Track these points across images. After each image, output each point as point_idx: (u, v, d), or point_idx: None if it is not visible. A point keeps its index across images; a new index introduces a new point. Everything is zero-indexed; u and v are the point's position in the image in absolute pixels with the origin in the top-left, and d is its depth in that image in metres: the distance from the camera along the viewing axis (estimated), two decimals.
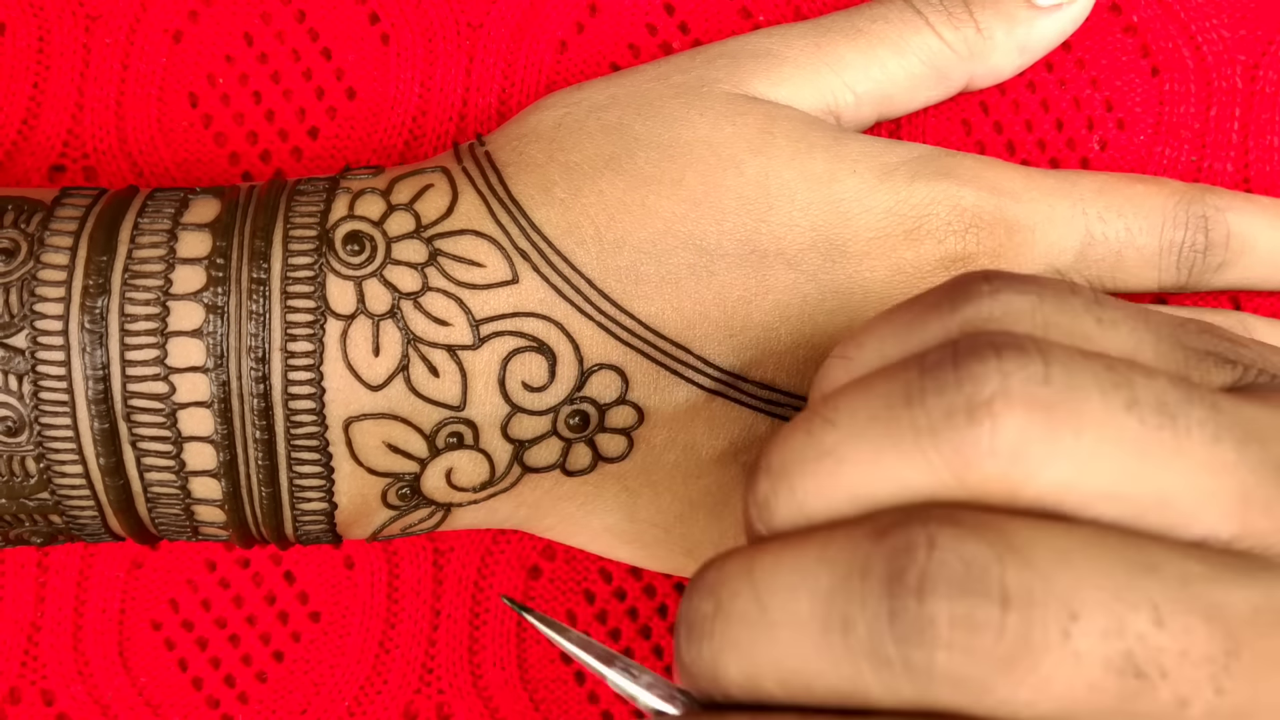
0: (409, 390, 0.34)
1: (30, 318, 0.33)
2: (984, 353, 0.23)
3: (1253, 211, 0.38)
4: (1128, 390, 0.23)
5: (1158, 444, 0.23)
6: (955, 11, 0.38)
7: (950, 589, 0.21)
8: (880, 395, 0.24)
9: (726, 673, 0.24)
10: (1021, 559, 0.22)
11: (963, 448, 0.23)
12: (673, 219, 0.34)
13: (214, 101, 0.42)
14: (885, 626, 0.22)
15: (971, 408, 0.22)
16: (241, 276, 0.33)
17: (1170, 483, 0.23)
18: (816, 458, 0.24)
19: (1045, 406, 0.22)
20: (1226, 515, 0.23)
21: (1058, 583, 0.21)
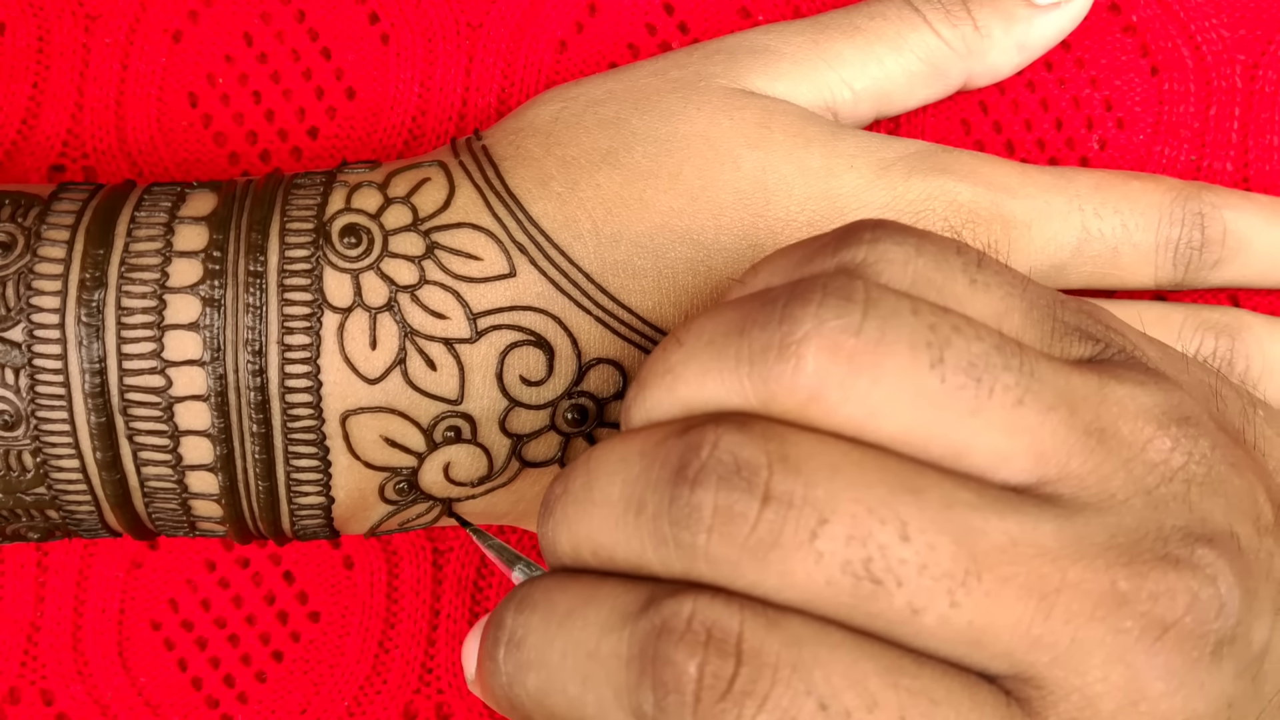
0: (406, 384, 0.34)
1: (27, 311, 0.33)
2: (810, 295, 0.25)
3: (1249, 209, 0.38)
4: (938, 349, 0.25)
5: (955, 400, 0.25)
6: (953, 9, 0.38)
7: (720, 483, 0.24)
8: (721, 323, 0.26)
9: (559, 544, 0.27)
10: (790, 466, 0.24)
11: (769, 379, 0.25)
12: (669, 213, 0.34)
13: (214, 101, 0.42)
14: (665, 509, 0.24)
15: (783, 345, 0.25)
16: (238, 269, 0.33)
17: (964, 436, 0.25)
18: (661, 372, 0.27)
19: (848, 354, 0.24)
20: (1020, 470, 0.25)
21: (817, 490, 0.24)
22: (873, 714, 0.23)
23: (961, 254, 0.27)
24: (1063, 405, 0.25)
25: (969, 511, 0.24)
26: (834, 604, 0.24)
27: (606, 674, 0.25)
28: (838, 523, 0.24)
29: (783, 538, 0.24)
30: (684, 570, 0.24)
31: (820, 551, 0.24)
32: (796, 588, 0.24)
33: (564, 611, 0.26)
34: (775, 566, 0.24)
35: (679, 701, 0.23)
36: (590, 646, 0.25)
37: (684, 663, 0.23)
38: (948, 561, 0.24)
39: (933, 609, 0.24)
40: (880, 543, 0.24)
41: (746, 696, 0.23)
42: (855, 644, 0.24)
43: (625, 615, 0.25)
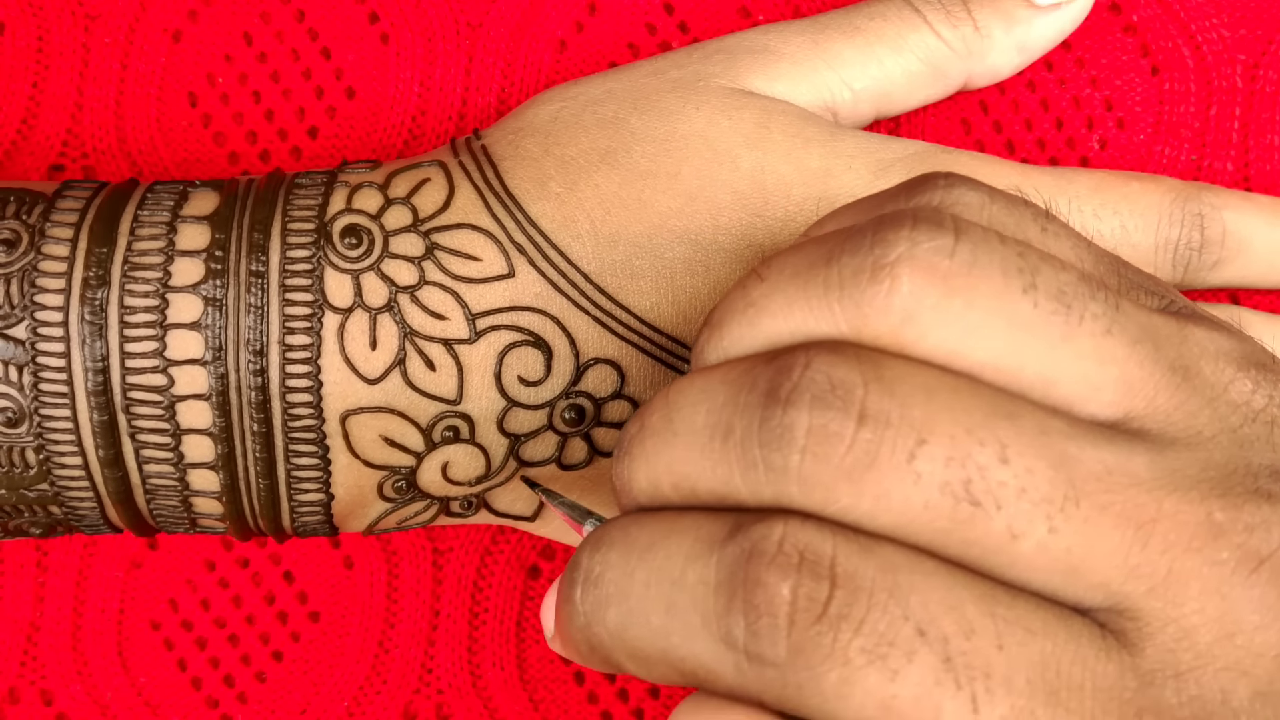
0: (405, 384, 0.34)
1: (30, 309, 0.33)
2: (901, 222, 0.25)
3: (1249, 210, 0.38)
4: (1029, 275, 0.25)
5: (1047, 326, 0.24)
6: (954, 10, 0.38)
7: (814, 401, 0.24)
8: (806, 254, 0.26)
9: (637, 482, 0.27)
10: (885, 387, 0.24)
11: (861, 303, 0.25)
12: (668, 213, 0.34)
13: (213, 101, 0.42)
14: (755, 431, 0.24)
15: (876, 268, 0.24)
16: (240, 269, 0.34)
17: (1055, 364, 0.25)
18: (743, 308, 0.26)
19: (943, 275, 0.24)
20: (1109, 403, 0.25)
21: (914, 411, 0.24)
22: (970, 640, 0.23)
23: (1030, 206, 0.27)
24: (1148, 339, 0.25)
25: (1064, 439, 0.24)
26: (930, 528, 0.24)
27: (693, 600, 0.24)
28: (936, 443, 0.23)
29: (879, 458, 0.23)
30: (774, 495, 0.24)
31: (919, 472, 0.23)
32: (892, 511, 0.23)
33: (645, 544, 0.25)
34: (871, 488, 0.23)
35: (771, 625, 0.23)
36: (675, 574, 0.25)
37: (776, 585, 0.23)
38: (1046, 486, 0.23)
39: (1031, 534, 0.23)
40: (980, 464, 0.23)
41: (842, 620, 0.23)
42: (950, 572, 0.24)
43: (711, 542, 0.24)
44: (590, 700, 0.41)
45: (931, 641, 0.23)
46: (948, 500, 0.23)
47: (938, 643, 0.23)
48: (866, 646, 0.23)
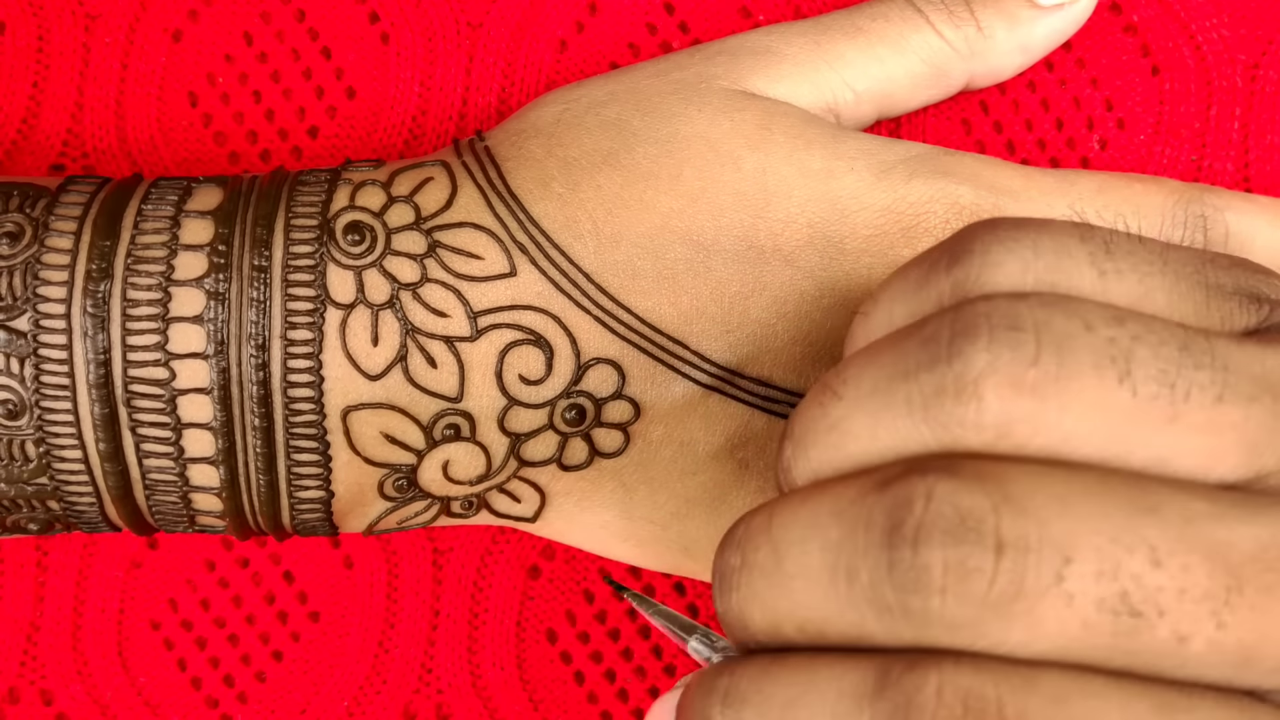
0: (407, 381, 0.34)
1: (33, 301, 0.33)
2: (977, 330, 0.24)
3: (1251, 210, 0.38)
4: (1123, 363, 0.23)
5: (1152, 413, 0.23)
6: (956, 10, 0.38)
7: (945, 538, 0.22)
8: (882, 367, 0.25)
9: (752, 621, 0.25)
10: (1017, 507, 0.22)
11: (950, 425, 0.24)
12: (670, 214, 0.34)
13: (214, 101, 0.42)
14: (885, 575, 0.23)
15: (959, 387, 0.23)
16: (243, 264, 0.34)
17: (1166, 446, 0.23)
18: (826, 430, 0.25)
19: (1031, 386, 0.23)
20: (1233, 468, 0.23)
21: (1053, 528, 0.22)
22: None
23: (1086, 241, 0.25)
24: (1265, 394, 0.24)
25: (1212, 523, 0.23)
26: (1091, 647, 0.22)
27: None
28: (1083, 560, 0.22)
29: (1026, 586, 0.22)
30: (915, 638, 0.23)
31: (1071, 593, 0.22)
32: (1048, 637, 0.22)
33: (783, 702, 0.24)
34: (1022, 619, 0.22)
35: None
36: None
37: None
38: (1205, 581, 0.22)
39: (1199, 634, 0.22)
40: (1133, 572, 0.22)
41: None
42: (1120, 687, 0.22)
43: (859, 697, 0.23)
44: (590, 700, 0.41)
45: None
46: (1107, 617, 0.22)
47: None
48: None
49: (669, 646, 0.41)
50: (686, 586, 0.41)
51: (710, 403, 0.35)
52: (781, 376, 0.35)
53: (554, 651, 0.41)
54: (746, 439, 0.36)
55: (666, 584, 0.41)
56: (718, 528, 0.36)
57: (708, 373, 0.35)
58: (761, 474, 0.36)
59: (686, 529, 0.36)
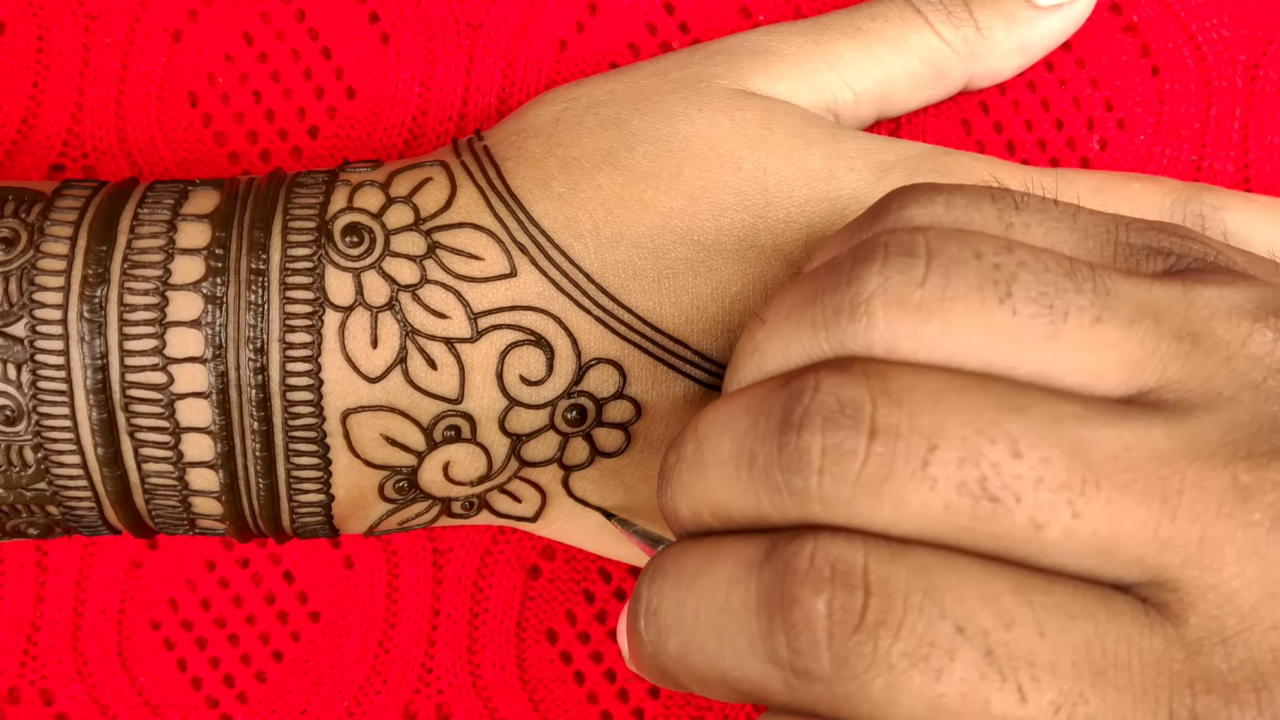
0: (407, 382, 0.34)
1: (30, 306, 0.33)
2: (873, 255, 0.26)
3: (1250, 210, 0.38)
4: (1005, 285, 0.25)
5: (1030, 330, 0.25)
6: (955, 11, 0.38)
7: (824, 423, 0.24)
8: (796, 294, 0.27)
9: (680, 510, 0.28)
10: (893, 399, 0.24)
11: (845, 340, 0.26)
12: (670, 214, 0.34)
13: (214, 101, 0.42)
14: (776, 457, 0.25)
15: (853, 306, 0.26)
16: (240, 267, 0.33)
17: (1048, 362, 0.25)
18: (751, 351, 0.28)
19: (916, 305, 0.25)
20: (1117, 384, 0.25)
21: (922, 419, 0.24)
22: (1010, 631, 0.23)
23: (997, 200, 0.28)
24: (1145, 317, 0.25)
25: (1077, 423, 0.24)
26: (954, 529, 0.24)
27: (739, 624, 0.25)
28: (947, 447, 0.24)
29: (894, 469, 0.24)
30: (800, 515, 0.25)
31: (934, 477, 0.24)
32: (914, 518, 0.24)
33: (692, 573, 0.26)
34: (890, 498, 0.24)
35: (811, 640, 0.23)
36: (720, 600, 0.25)
37: (811, 600, 0.24)
38: (1063, 473, 0.24)
39: (1055, 521, 0.24)
40: (993, 461, 0.24)
41: (880, 626, 0.23)
42: (983, 566, 0.24)
43: (750, 565, 0.25)
44: (590, 700, 0.41)
45: (971, 637, 0.23)
46: (966, 500, 0.24)
47: (978, 637, 0.23)
48: (907, 650, 0.23)
49: None
50: None
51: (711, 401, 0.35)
52: None
53: (554, 651, 0.41)
54: None
55: None
56: None
57: (709, 372, 0.35)
58: None
59: None
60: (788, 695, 0.24)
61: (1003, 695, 0.23)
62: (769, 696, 0.25)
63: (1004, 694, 0.23)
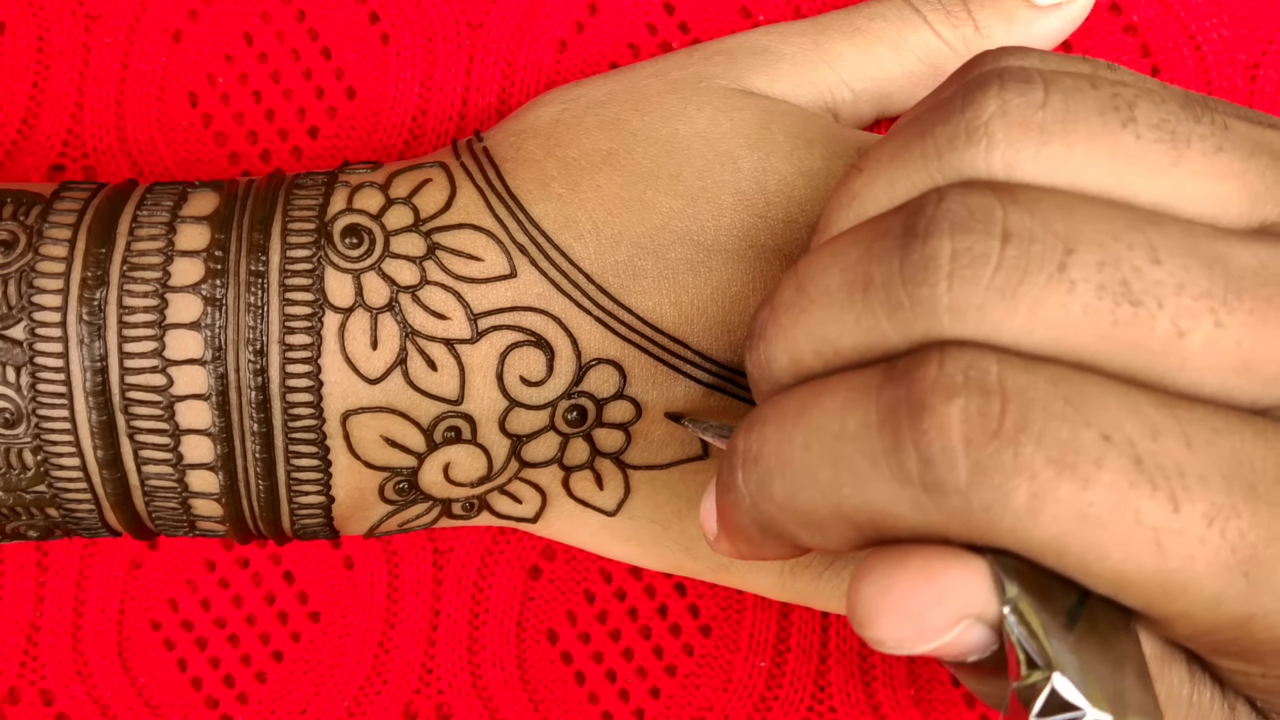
0: (407, 384, 0.34)
1: (28, 309, 0.33)
2: (989, 82, 0.25)
3: None
4: (1126, 110, 0.24)
5: (1154, 154, 0.24)
6: (954, 10, 0.38)
7: (953, 228, 0.23)
8: (900, 136, 0.26)
9: (777, 361, 0.26)
10: (1024, 206, 0.23)
11: (961, 166, 0.25)
12: (670, 214, 0.34)
13: (214, 101, 0.42)
14: (896, 272, 0.24)
15: (970, 130, 0.25)
16: (240, 269, 0.33)
17: (1172, 189, 0.24)
18: (848, 202, 0.27)
19: (1039, 125, 0.24)
20: (1240, 214, 0.25)
21: (1057, 224, 0.23)
22: (1158, 442, 0.22)
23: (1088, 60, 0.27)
24: (1263, 152, 0.25)
25: (1212, 240, 0.24)
26: (1093, 336, 0.23)
27: (859, 447, 0.24)
28: (1085, 250, 0.23)
29: (1029, 271, 0.23)
30: (924, 330, 0.24)
31: (1073, 280, 0.23)
32: (1051, 324, 0.23)
33: (797, 409, 0.25)
34: (1026, 302, 0.23)
35: (945, 448, 0.22)
36: (834, 427, 0.24)
37: (943, 405, 0.22)
38: (1205, 281, 0.23)
39: (1198, 329, 0.23)
40: (1134, 265, 0.23)
41: (1021, 433, 0.22)
42: (1121, 382, 0.23)
43: (867, 388, 0.24)
44: (590, 700, 0.41)
45: (1119, 445, 0.22)
46: (1107, 303, 0.23)
47: (1125, 446, 0.22)
48: (1053, 457, 0.22)
49: (669, 646, 0.41)
50: (687, 587, 0.41)
51: (712, 402, 0.35)
52: None
53: (554, 652, 0.41)
54: None
55: (668, 584, 0.41)
56: None
57: (709, 372, 0.35)
58: None
59: (687, 528, 0.36)
60: (917, 517, 0.23)
61: (1155, 504, 0.22)
62: (894, 522, 0.24)
63: (1156, 503, 0.22)
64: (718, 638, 0.41)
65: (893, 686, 0.40)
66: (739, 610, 0.41)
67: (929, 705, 0.40)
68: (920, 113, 0.26)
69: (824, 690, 0.41)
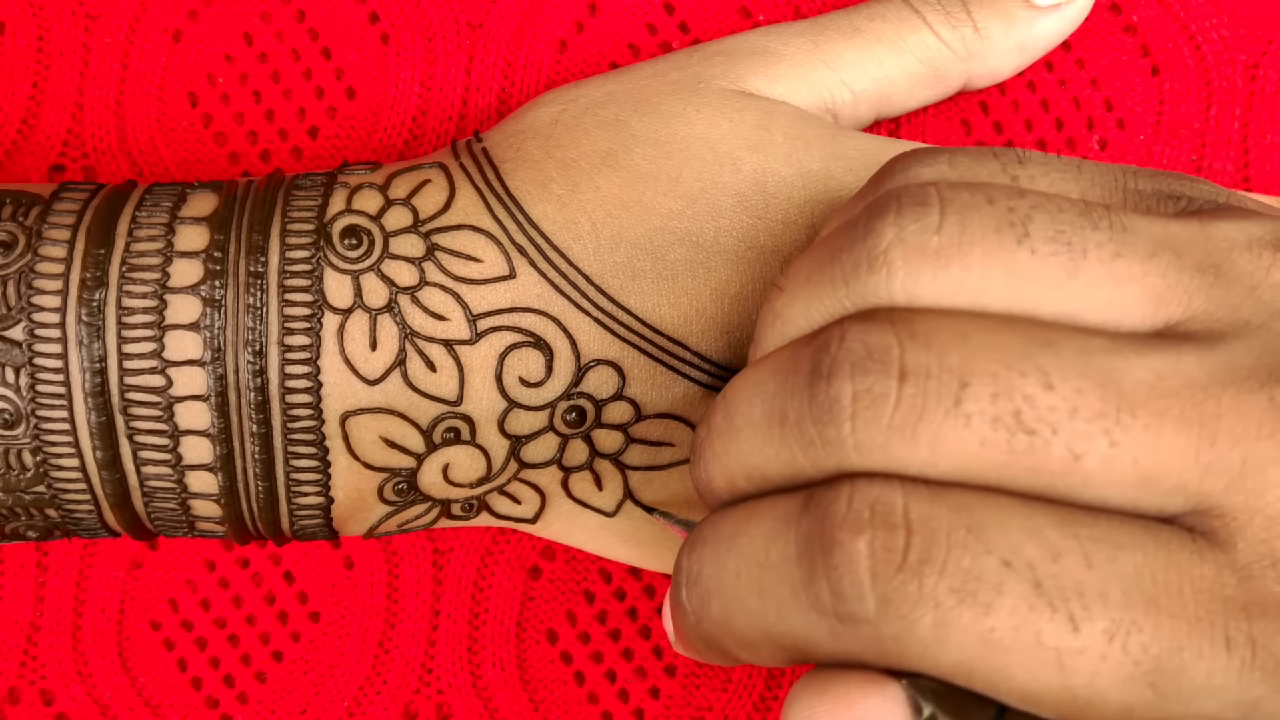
0: (406, 385, 0.34)
1: (28, 310, 0.33)
2: (886, 208, 0.26)
3: None
4: (1021, 226, 0.25)
5: (1050, 268, 0.25)
6: (953, 11, 0.38)
7: (853, 369, 0.24)
8: (814, 258, 0.27)
9: (713, 481, 0.28)
10: (921, 341, 0.24)
11: (865, 294, 0.26)
12: (669, 215, 0.34)
13: (214, 101, 0.42)
14: (807, 410, 0.25)
15: (872, 259, 0.26)
16: (239, 270, 0.33)
17: (1070, 299, 0.25)
18: (772, 320, 0.28)
19: (934, 251, 0.25)
20: (1142, 319, 0.25)
21: (951, 358, 0.24)
22: (1058, 564, 0.23)
23: (1000, 155, 0.28)
24: (1165, 251, 0.25)
25: (1107, 355, 0.24)
26: (991, 465, 0.24)
27: (779, 577, 0.25)
28: (979, 383, 0.24)
29: (927, 408, 0.24)
30: (835, 465, 0.25)
31: (968, 414, 0.24)
32: (950, 456, 0.24)
33: (730, 534, 0.26)
34: (925, 438, 0.24)
35: (854, 581, 0.23)
36: (760, 557, 0.25)
37: (851, 541, 0.23)
38: (1098, 402, 0.24)
39: (1093, 451, 0.24)
40: (1025, 394, 0.24)
41: (924, 564, 0.23)
42: (1025, 504, 0.24)
43: (787, 518, 0.25)
44: (590, 700, 0.41)
45: (1019, 570, 0.23)
46: (1002, 434, 0.24)
47: (1025, 570, 0.23)
48: (954, 586, 0.23)
49: (669, 646, 0.41)
50: None
51: (710, 403, 0.35)
52: None
53: (554, 652, 0.41)
54: None
55: (667, 584, 0.41)
56: None
57: (708, 373, 0.35)
58: None
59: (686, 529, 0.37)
60: (834, 645, 0.24)
61: (1054, 626, 0.23)
62: (815, 649, 0.25)
63: (1055, 624, 0.23)
64: None
65: None
66: None
67: None
68: (831, 234, 0.27)
69: None
